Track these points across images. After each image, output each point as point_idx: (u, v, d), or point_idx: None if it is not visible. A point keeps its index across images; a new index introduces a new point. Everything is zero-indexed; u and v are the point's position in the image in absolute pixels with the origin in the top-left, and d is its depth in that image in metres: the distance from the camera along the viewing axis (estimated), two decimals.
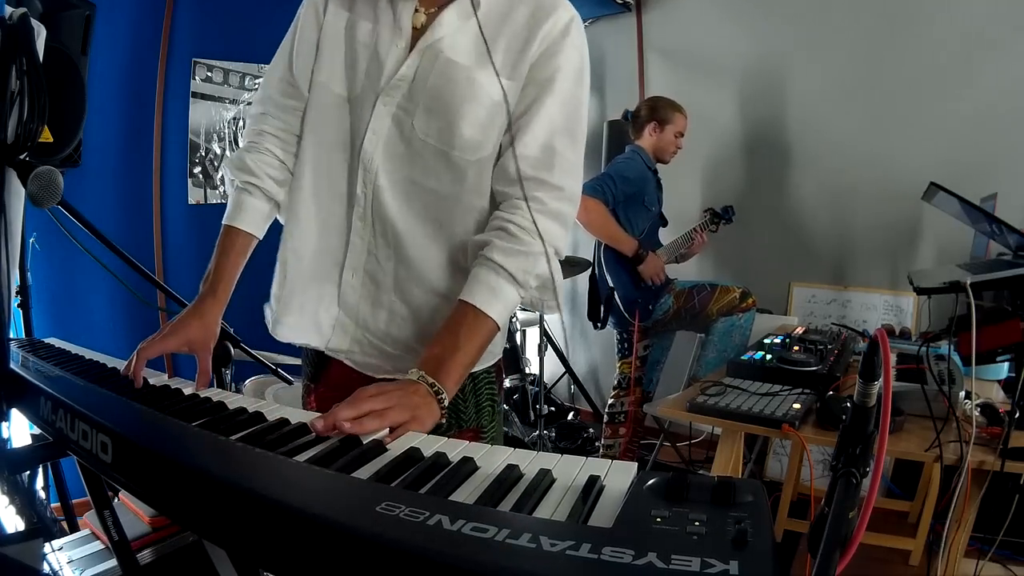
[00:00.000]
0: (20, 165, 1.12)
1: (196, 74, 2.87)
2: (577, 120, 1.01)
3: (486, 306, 0.91)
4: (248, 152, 1.06)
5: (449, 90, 0.96)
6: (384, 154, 0.99)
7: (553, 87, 0.97)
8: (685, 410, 1.70)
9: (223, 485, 0.57)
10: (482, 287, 0.92)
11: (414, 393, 0.82)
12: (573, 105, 1.00)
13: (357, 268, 1.03)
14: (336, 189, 1.03)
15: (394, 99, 0.98)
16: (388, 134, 0.99)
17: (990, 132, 2.63)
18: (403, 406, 0.78)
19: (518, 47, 0.97)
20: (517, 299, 0.95)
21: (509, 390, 3.19)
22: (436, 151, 0.98)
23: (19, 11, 1.16)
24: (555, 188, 0.97)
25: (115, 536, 0.99)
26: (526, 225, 0.94)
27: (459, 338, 0.90)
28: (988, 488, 1.47)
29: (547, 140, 0.97)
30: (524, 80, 0.97)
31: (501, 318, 0.93)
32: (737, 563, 0.41)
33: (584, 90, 1.02)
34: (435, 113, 0.97)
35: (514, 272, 0.93)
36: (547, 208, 0.96)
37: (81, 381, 0.90)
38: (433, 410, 0.82)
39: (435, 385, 0.84)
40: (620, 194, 2.67)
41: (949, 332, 1.52)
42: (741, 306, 2.63)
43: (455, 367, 0.88)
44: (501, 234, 0.95)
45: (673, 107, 2.78)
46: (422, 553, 0.44)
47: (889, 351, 0.49)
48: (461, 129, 0.96)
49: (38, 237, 2.05)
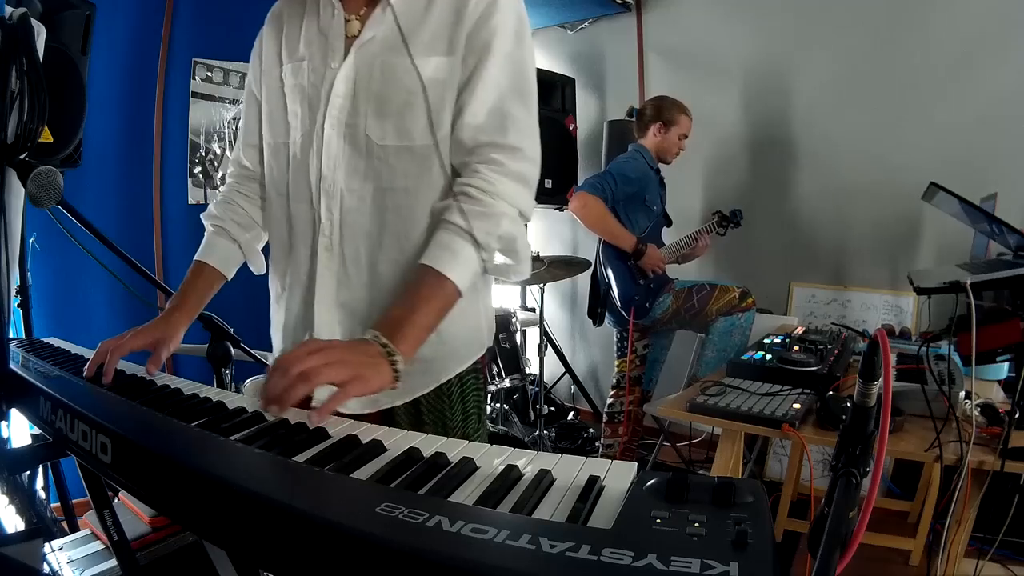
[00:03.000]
0: (20, 165, 1.12)
1: (196, 74, 2.87)
2: (524, 79, 0.99)
3: (445, 268, 0.89)
4: (218, 203, 1.16)
5: (392, 86, 0.95)
6: (345, 173, 0.98)
7: (492, 50, 0.95)
8: (685, 410, 1.70)
9: (222, 485, 0.57)
10: (442, 249, 0.90)
11: (363, 352, 0.79)
12: (517, 64, 0.98)
13: (330, 304, 1.01)
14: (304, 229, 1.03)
15: (340, 118, 0.97)
16: (344, 153, 0.98)
17: (990, 132, 2.63)
18: (344, 363, 0.75)
19: (451, 20, 0.95)
20: (479, 262, 0.92)
21: (509, 390, 3.19)
22: (398, 150, 0.96)
23: (19, 11, 1.16)
24: (512, 149, 0.95)
25: (115, 536, 0.99)
26: (486, 187, 0.93)
27: (417, 301, 0.88)
28: (988, 488, 1.47)
29: (495, 104, 0.95)
30: (463, 52, 0.95)
31: (462, 281, 0.90)
32: (737, 564, 0.41)
33: (526, 48, 0.99)
34: (384, 114, 0.96)
35: (475, 233, 0.91)
36: (506, 169, 0.94)
37: (81, 381, 0.90)
38: (382, 371, 0.79)
39: (388, 346, 0.81)
40: (620, 192, 2.67)
41: (949, 332, 1.52)
42: (741, 306, 2.63)
43: (412, 329, 0.85)
44: (461, 198, 0.93)
45: (679, 108, 2.78)
46: (422, 554, 0.44)
47: (889, 351, 0.49)
48: (416, 119, 0.95)
49: (38, 237, 2.05)
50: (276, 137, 1.06)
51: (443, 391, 1.06)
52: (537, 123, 1.01)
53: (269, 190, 1.10)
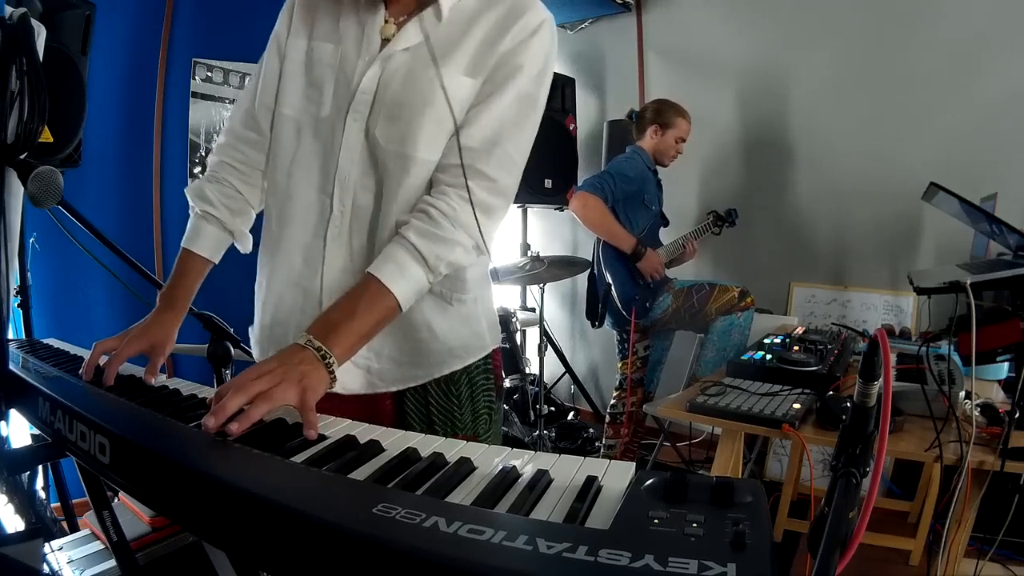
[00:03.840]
0: (20, 165, 1.12)
1: (196, 74, 2.87)
2: (528, 119, 1.00)
3: (390, 281, 0.90)
4: (208, 182, 1.10)
5: (410, 94, 0.96)
6: (360, 169, 0.99)
7: (511, 83, 0.96)
8: (685, 410, 1.70)
9: (222, 486, 0.57)
10: (390, 263, 0.91)
11: (300, 362, 0.80)
12: (528, 104, 0.99)
13: (334, 292, 1.00)
14: (306, 215, 1.02)
15: (363, 114, 0.98)
16: (361, 149, 0.98)
17: (990, 132, 2.63)
18: (290, 381, 0.77)
19: (488, 43, 0.97)
20: (425, 282, 0.93)
21: (509, 390, 3.19)
22: (397, 155, 0.97)
23: (19, 11, 1.16)
24: (488, 179, 0.96)
25: (115, 536, 0.99)
26: (448, 212, 0.93)
27: (357, 307, 0.88)
28: (988, 488, 1.47)
29: (493, 133, 0.96)
30: (486, 76, 0.96)
31: (404, 297, 0.91)
32: (735, 565, 0.41)
33: (542, 92, 1.01)
34: (396, 119, 0.96)
35: (425, 254, 0.91)
36: (476, 198, 0.95)
37: (80, 382, 0.90)
38: (322, 375, 0.81)
39: (322, 349, 0.83)
40: (620, 192, 2.67)
41: (949, 332, 1.52)
42: (740, 305, 2.63)
43: (346, 334, 0.86)
44: (422, 216, 0.94)
45: (677, 111, 2.78)
46: (419, 555, 0.44)
47: (889, 351, 0.49)
48: (422, 130, 0.95)
49: (38, 237, 2.05)
50: (283, 107, 1.04)
51: (452, 391, 1.06)
52: (524, 162, 1.02)
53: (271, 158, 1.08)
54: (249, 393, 0.73)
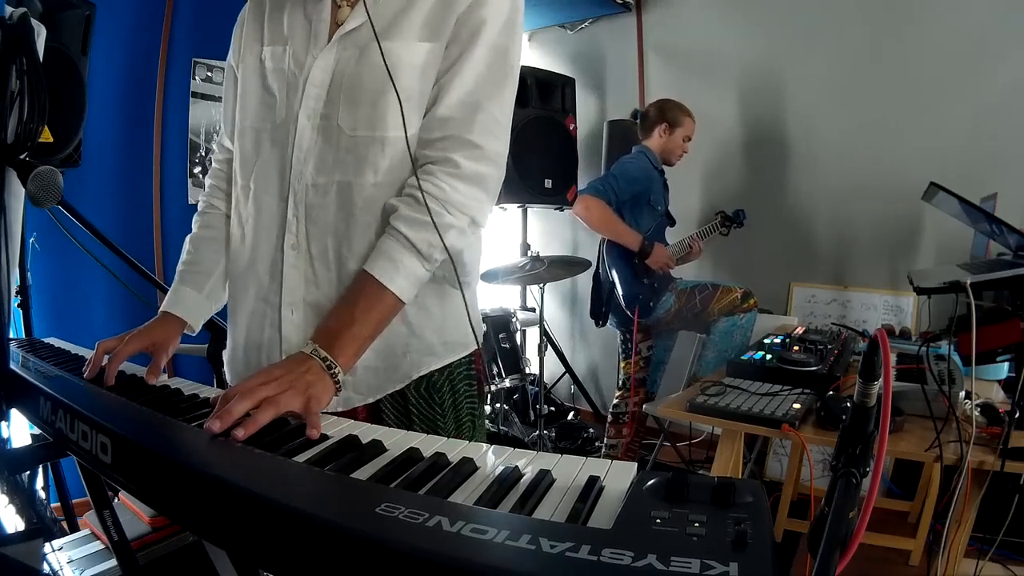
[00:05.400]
0: (20, 165, 1.12)
1: (196, 74, 2.87)
2: (505, 72, 0.94)
3: (386, 278, 0.87)
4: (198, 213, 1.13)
5: (369, 72, 0.91)
6: (315, 168, 0.94)
7: (479, 39, 0.91)
8: (685, 410, 1.70)
9: (222, 485, 0.57)
10: (383, 258, 0.88)
11: (306, 372, 0.79)
12: (501, 58, 0.93)
13: (296, 303, 0.96)
14: (269, 227, 0.98)
15: (316, 109, 0.94)
16: (315, 145, 0.94)
17: (990, 132, 2.63)
18: (295, 389, 0.76)
19: (440, 4, 0.91)
20: (422, 271, 0.90)
21: (509, 390, 3.19)
22: (368, 141, 0.92)
23: (19, 11, 1.16)
24: (474, 147, 0.91)
25: (115, 536, 0.99)
26: (436, 194, 0.89)
27: (355, 311, 0.86)
28: (988, 488, 1.47)
29: (470, 95, 0.91)
30: (448, 38, 0.91)
31: (404, 292, 0.88)
32: (737, 564, 0.41)
33: (515, 40, 0.94)
34: (358, 102, 0.92)
35: (417, 243, 0.88)
36: (462, 172, 0.90)
37: (81, 381, 0.90)
38: (327, 385, 0.80)
39: (327, 359, 0.82)
40: (624, 193, 2.67)
41: (949, 332, 1.52)
42: (743, 306, 2.63)
43: (350, 340, 0.84)
44: (409, 201, 0.89)
45: (683, 111, 2.79)
46: (421, 554, 0.44)
47: (889, 351, 0.49)
48: (388, 107, 0.90)
49: (38, 237, 2.05)
50: (244, 120, 1.01)
51: (434, 399, 1.01)
52: (509, 121, 0.96)
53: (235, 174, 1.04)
54: (255, 398, 0.73)
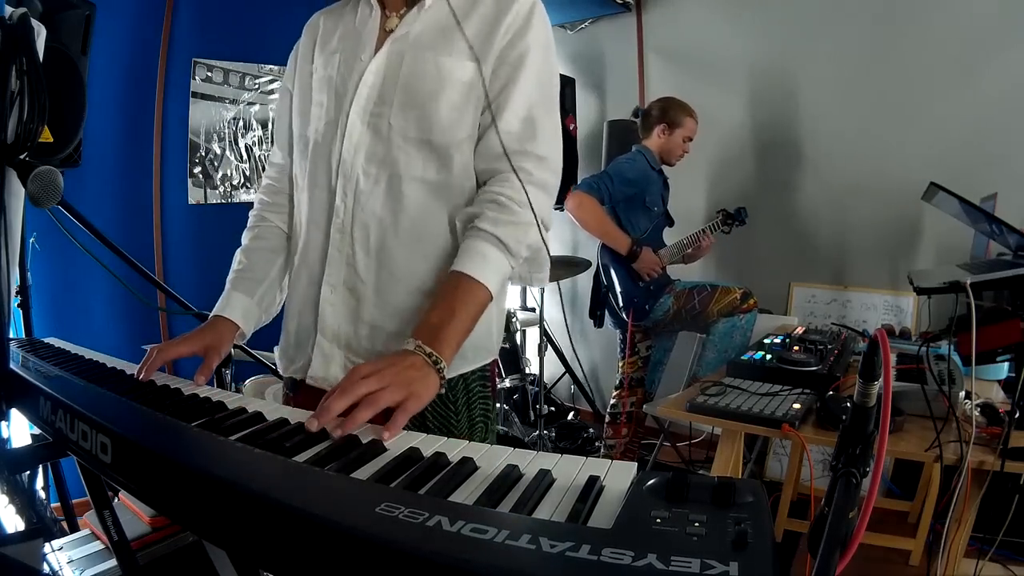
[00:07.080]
0: (20, 165, 1.12)
1: (196, 74, 2.87)
2: (551, 91, 1.06)
3: (478, 273, 0.91)
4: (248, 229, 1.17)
5: (419, 79, 0.99)
6: (365, 158, 1.00)
7: (526, 64, 1.00)
8: (685, 410, 1.70)
9: (222, 485, 0.57)
10: (474, 255, 0.93)
11: (410, 367, 0.81)
12: (547, 77, 1.04)
13: (336, 284, 1.02)
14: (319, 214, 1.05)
15: (367, 108, 1.00)
16: (365, 139, 1.00)
17: (990, 132, 2.63)
18: (397, 385, 0.77)
19: (485, 31, 1.00)
20: (509, 268, 0.96)
21: (509, 390, 3.19)
22: (417, 141, 0.99)
23: (19, 11, 1.16)
24: (539, 158, 1.00)
25: (115, 536, 0.99)
26: (516, 196, 0.96)
27: (454, 306, 0.90)
28: (988, 488, 1.47)
29: (527, 113, 1.00)
30: (494, 64, 1.00)
31: (494, 286, 0.93)
32: (737, 564, 0.41)
33: (554, 63, 1.06)
34: (409, 105, 0.99)
35: (506, 240, 0.94)
36: (534, 178, 0.98)
37: (81, 381, 0.90)
38: (430, 382, 0.82)
39: (433, 354, 0.83)
40: (618, 193, 2.66)
41: (949, 332, 1.52)
42: (742, 307, 2.63)
43: (452, 335, 0.87)
44: (492, 205, 0.96)
45: (685, 111, 2.77)
46: (422, 554, 0.44)
47: (889, 351, 0.49)
48: (438, 113, 0.98)
49: (38, 237, 2.05)
50: (303, 128, 1.09)
51: (448, 398, 1.04)
52: (560, 131, 1.06)
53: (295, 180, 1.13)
54: (355, 395, 0.73)
